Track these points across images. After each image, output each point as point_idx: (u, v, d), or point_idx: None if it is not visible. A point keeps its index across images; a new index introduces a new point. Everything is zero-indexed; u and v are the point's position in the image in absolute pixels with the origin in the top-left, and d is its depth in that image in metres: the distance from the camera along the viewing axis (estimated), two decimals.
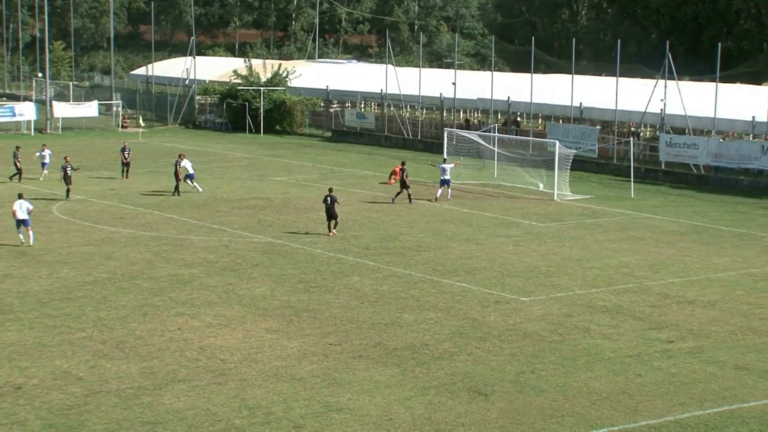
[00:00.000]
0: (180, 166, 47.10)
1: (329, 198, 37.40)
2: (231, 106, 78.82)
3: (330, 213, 37.43)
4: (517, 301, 28.68)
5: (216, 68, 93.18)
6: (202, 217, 41.06)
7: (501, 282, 30.87)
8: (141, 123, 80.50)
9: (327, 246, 35.69)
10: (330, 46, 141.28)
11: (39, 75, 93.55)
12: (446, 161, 48.32)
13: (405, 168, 45.90)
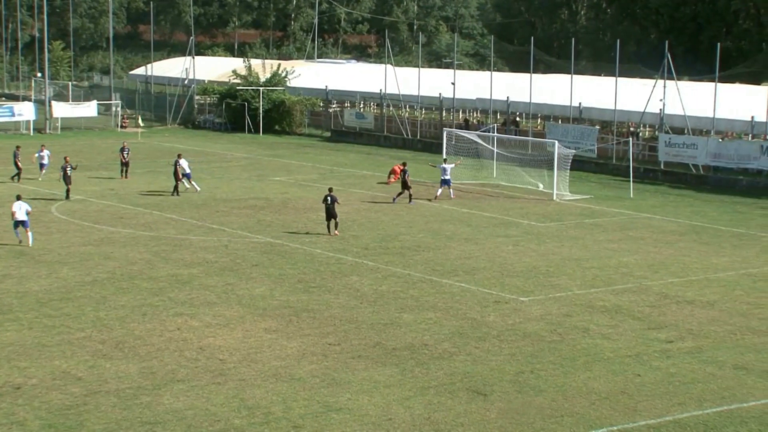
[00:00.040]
0: (179, 166, 47.10)
1: (329, 198, 37.41)
2: (230, 106, 78.80)
3: (330, 213, 37.44)
4: (517, 301, 28.69)
5: (215, 68, 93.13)
6: (202, 217, 41.06)
7: (500, 282, 30.88)
8: (140, 123, 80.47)
9: (326, 246, 35.69)
10: (329, 46, 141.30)
11: (38, 75, 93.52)
12: (446, 161, 48.33)
13: (406, 169, 45.93)
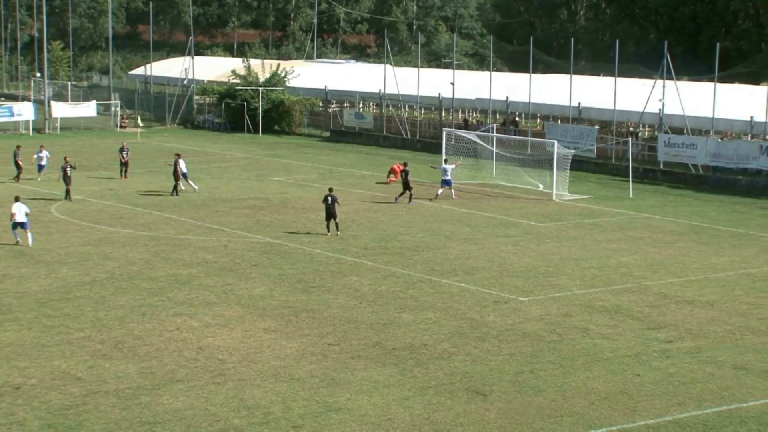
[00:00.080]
0: (178, 166, 47.10)
1: (329, 198, 37.40)
2: (229, 106, 78.79)
3: (330, 213, 37.44)
4: (516, 301, 28.69)
5: (214, 68, 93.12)
6: (201, 217, 41.05)
7: (500, 282, 30.88)
8: (139, 123, 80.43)
9: (326, 246, 35.69)
10: (328, 46, 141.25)
11: (37, 75, 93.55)
12: (447, 162, 48.32)
13: (407, 169, 45.93)
